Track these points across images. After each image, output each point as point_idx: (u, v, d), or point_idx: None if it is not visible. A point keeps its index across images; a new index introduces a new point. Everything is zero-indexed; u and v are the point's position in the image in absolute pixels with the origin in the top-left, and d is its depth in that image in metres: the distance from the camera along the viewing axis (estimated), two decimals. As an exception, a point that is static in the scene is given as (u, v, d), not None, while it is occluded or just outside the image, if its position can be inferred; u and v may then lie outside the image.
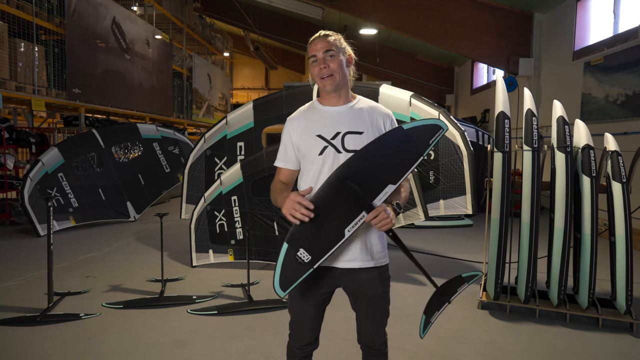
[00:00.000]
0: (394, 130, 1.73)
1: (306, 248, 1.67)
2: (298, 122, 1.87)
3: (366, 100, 1.91)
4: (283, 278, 1.68)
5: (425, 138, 1.68)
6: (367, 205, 1.65)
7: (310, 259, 1.67)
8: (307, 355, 1.94)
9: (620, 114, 6.57)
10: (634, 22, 6.55)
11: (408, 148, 1.68)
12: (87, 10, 8.84)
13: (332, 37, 1.82)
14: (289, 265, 1.68)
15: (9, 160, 7.21)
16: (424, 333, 1.85)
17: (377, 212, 1.63)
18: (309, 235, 1.67)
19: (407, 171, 1.69)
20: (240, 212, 4.86)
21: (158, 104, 12.55)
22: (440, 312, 1.87)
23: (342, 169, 1.68)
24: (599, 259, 3.49)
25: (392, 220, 1.65)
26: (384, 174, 1.68)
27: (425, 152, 1.68)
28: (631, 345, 3.23)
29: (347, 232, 1.66)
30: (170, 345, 3.14)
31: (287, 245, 1.68)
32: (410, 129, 1.69)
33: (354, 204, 1.66)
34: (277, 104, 4.91)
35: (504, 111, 3.59)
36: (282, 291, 1.68)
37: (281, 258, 1.68)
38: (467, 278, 1.86)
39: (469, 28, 9.30)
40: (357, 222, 1.66)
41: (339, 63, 1.80)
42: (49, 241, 3.59)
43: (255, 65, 27.54)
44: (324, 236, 1.68)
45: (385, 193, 1.67)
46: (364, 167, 1.67)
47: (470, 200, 4.48)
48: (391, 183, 1.67)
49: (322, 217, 1.66)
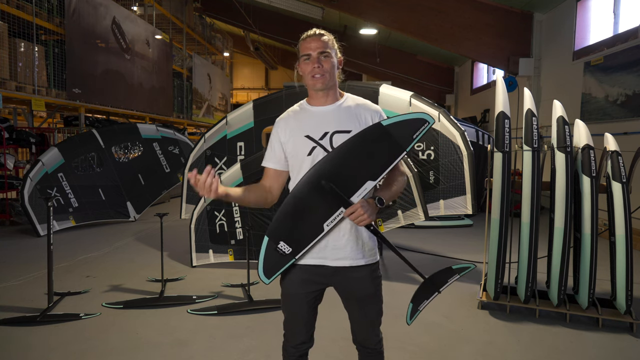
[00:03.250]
0: (372, 127, 1.72)
1: (286, 241, 1.72)
2: (286, 122, 1.87)
3: (354, 98, 1.90)
4: (266, 267, 1.74)
5: (408, 132, 1.67)
6: (345, 201, 1.67)
7: (291, 250, 1.72)
8: (303, 354, 1.94)
9: (620, 114, 6.57)
10: (634, 22, 6.55)
11: (389, 143, 1.68)
12: (87, 10, 8.84)
13: (326, 37, 1.82)
14: (271, 257, 1.73)
15: (9, 160, 7.21)
16: (411, 320, 1.86)
17: (354, 208, 1.64)
18: (289, 228, 1.71)
19: (388, 167, 1.69)
20: (240, 212, 4.86)
21: (158, 104, 12.55)
22: (429, 301, 1.87)
23: (317, 167, 1.69)
24: (599, 259, 3.49)
25: (370, 216, 1.65)
26: (362, 170, 1.69)
27: (409, 146, 1.68)
28: (631, 345, 3.23)
29: (325, 226, 1.70)
30: (170, 345, 3.14)
31: (267, 238, 1.72)
32: (390, 124, 1.69)
33: (332, 200, 1.67)
34: (277, 104, 4.91)
35: (504, 111, 3.59)
36: (266, 279, 1.74)
37: (263, 250, 1.73)
38: (458, 270, 1.86)
39: (469, 28, 9.30)
40: (335, 217, 1.69)
41: (332, 64, 1.80)
42: (49, 241, 3.59)
43: (255, 65, 27.54)
44: (303, 230, 1.71)
45: (364, 189, 1.68)
46: (341, 165, 1.68)
47: (470, 200, 4.48)
48: (370, 179, 1.68)
49: (301, 211, 1.70)
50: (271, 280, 1.75)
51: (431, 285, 1.86)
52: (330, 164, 1.69)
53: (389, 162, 1.69)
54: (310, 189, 1.68)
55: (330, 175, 1.67)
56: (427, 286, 1.87)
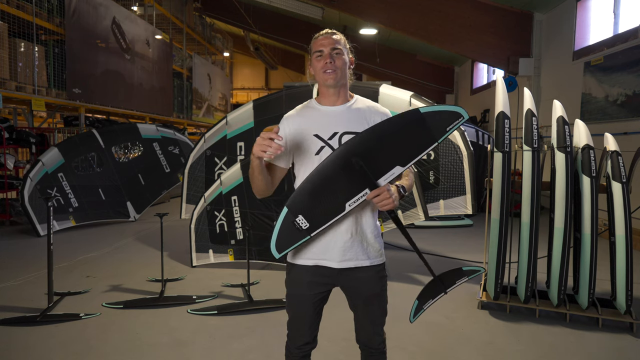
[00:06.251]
0: (410, 112, 1.68)
1: (305, 215, 1.67)
2: (294, 120, 1.87)
3: (364, 100, 1.90)
4: (279, 241, 1.69)
5: (442, 124, 1.64)
6: (372, 183, 1.64)
7: (309, 226, 1.67)
8: (306, 355, 1.93)
9: (620, 114, 6.57)
10: (634, 22, 6.55)
11: (422, 132, 1.65)
12: (87, 10, 8.84)
13: (338, 36, 1.84)
14: (287, 230, 1.68)
15: (9, 160, 7.21)
16: (414, 318, 1.85)
17: (380, 190, 1.62)
18: (310, 203, 1.67)
19: (418, 155, 1.66)
20: (240, 212, 4.86)
21: (158, 104, 12.55)
22: (434, 300, 1.85)
23: (350, 143, 1.66)
24: (599, 259, 3.49)
25: (395, 201, 1.64)
26: (393, 154, 1.65)
27: (441, 138, 1.65)
28: (631, 345, 3.23)
29: (347, 206, 1.66)
30: (170, 345, 3.14)
31: (286, 209, 1.68)
32: (427, 112, 1.65)
33: (358, 179, 1.64)
34: (277, 104, 4.90)
35: (504, 111, 3.59)
36: (277, 253, 1.69)
37: (280, 221, 1.68)
38: (467, 272, 1.84)
39: (469, 28, 9.30)
40: (359, 197, 1.65)
41: (344, 62, 1.81)
42: (49, 241, 3.59)
43: (255, 65, 27.54)
44: (324, 206, 1.67)
45: (392, 174, 1.65)
46: (373, 145, 1.65)
47: (470, 200, 4.47)
48: (399, 165, 1.65)
49: (325, 187, 1.66)
50: (281, 255, 1.70)
51: (439, 285, 1.84)
52: (361, 143, 1.65)
53: (420, 151, 1.66)
54: (338, 166, 1.64)
55: (361, 154, 1.63)
56: (435, 285, 1.85)
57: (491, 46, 9.30)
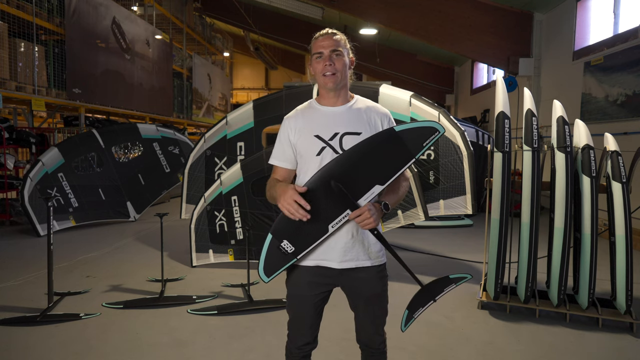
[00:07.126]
0: (385, 132, 1.72)
1: (290, 240, 1.72)
2: (295, 121, 1.87)
3: (364, 100, 1.91)
4: (267, 266, 1.74)
5: (418, 140, 1.67)
6: (352, 204, 1.66)
7: (294, 250, 1.72)
8: (306, 355, 1.94)
9: (620, 114, 6.57)
10: (634, 22, 6.55)
11: (399, 149, 1.68)
12: (87, 10, 8.84)
13: (338, 36, 1.83)
14: (273, 255, 1.73)
15: (9, 160, 7.21)
16: (406, 327, 1.87)
17: (361, 211, 1.64)
18: (293, 228, 1.71)
19: (396, 173, 1.69)
20: (240, 212, 4.86)
21: (158, 104, 12.55)
22: (424, 309, 1.88)
23: (327, 168, 1.69)
24: (599, 259, 3.50)
25: (375, 220, 1.65)
26: (371, 174, 1.69)
27: (418, 154, 1.68)
28: (631, 345, 3.23)
29: (330, 227, 1.70)
30: (170, 345, 3.14)
31: (271, 236, 1.72)
32: (402, 130, 1.69)
33: (339, 201, 1.67)
34: (277, 104, 4.90)
35: (504, 111, 3.59)
36: (266, 277, 1.75)
37: (265, 247, 1.73)
38: (454, 279, 1.87)
39: (469, 28, 9.30)
40: (341, 219, 1.69)
41: (344, 63, 1.80)
42: (49, 241, 3.59)
43: (255, 65, 27.54)
44: (308, 230, 1.71)
45: (371, 193, 1.68)
46: (351, 167, 1.68)
47: (470, 200, 4.48)
48: (378, 183, 1.68)
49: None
50: (270, 279, 1.75)
51: (427, 294, 1.88)
52: (339, 165, 1.68)
53: (397, 168, 1.69)
54: (318, 189, 1.67)
55: (340, 176, 1.66)
56: (423, 294, 1.88)
57: (491, 46, 9.31)
